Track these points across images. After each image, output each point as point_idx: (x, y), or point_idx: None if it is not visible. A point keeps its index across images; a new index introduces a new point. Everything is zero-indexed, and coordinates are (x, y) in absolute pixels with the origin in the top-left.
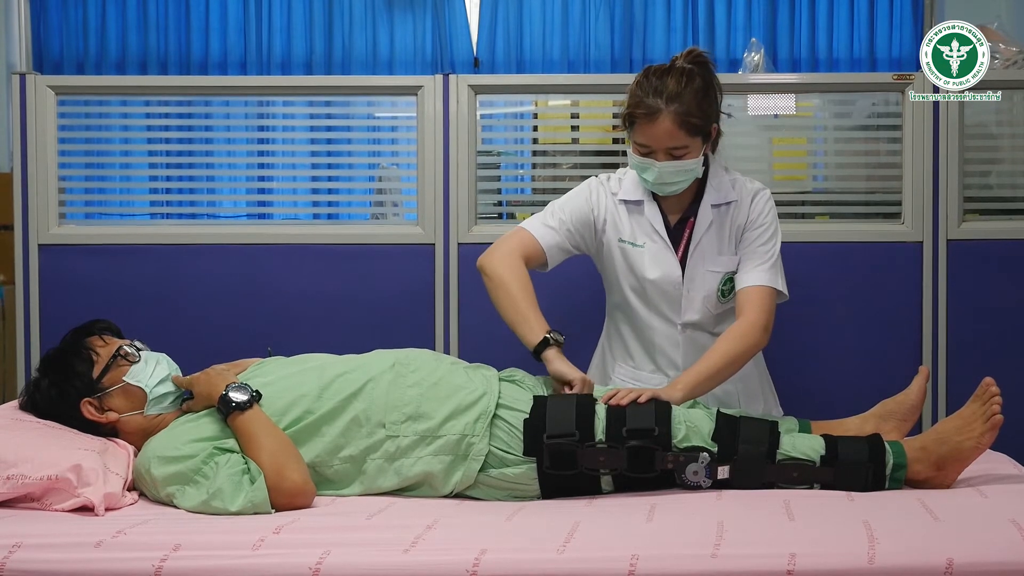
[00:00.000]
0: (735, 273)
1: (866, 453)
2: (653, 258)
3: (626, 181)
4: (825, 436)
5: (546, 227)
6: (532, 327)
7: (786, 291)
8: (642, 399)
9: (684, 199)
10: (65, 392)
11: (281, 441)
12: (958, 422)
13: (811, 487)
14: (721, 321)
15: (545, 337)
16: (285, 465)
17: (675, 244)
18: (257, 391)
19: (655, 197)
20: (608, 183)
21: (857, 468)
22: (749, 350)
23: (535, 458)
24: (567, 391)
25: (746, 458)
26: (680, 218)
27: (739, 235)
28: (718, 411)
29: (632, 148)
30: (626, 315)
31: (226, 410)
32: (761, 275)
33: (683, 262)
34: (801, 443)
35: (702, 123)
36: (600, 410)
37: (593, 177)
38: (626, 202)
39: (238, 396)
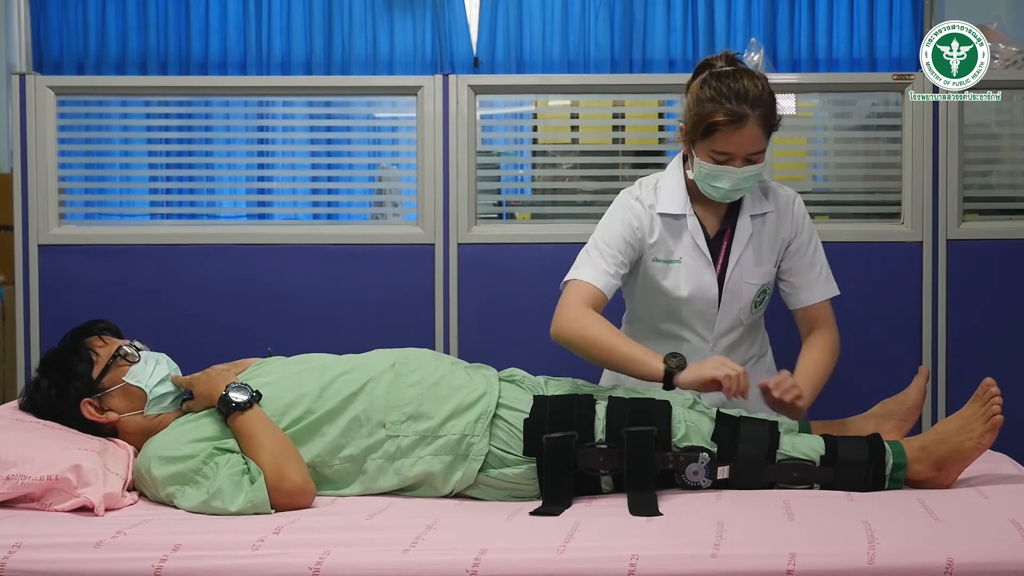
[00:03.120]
0: (769, 284)
1: (866, 453)
2: (689, 274)
3: (663, 192)
4: (825, 436)
5: (603, 272)
6: (648, 364)
7: None
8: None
9: (721, 210)
10: (65, 392)
11: (281, 441)
12: (958, 422)
13: (811, 487)
14: (750, 331)
15: (667, 370)
16: (285, 465)
17: (713, 258)
18: (257, 391)
19: (695, 209)
20: (642, 195)
21: (857, 468)
22: (834, 365)
23: (535, 458)
24: (728, 393)
25: (746, 458)
26: (717, 230)
27: (782, 247)
28: (718, 411)
29: (702, 156)
30: (651, 329)
31: (226, 410)
32: (826, 288)
33: (720, 276)
34: (801, 443)
35: (777, 124)
36: (600, 410)
37: (623, 193)
38: (664, 215)
39: (238, 396)
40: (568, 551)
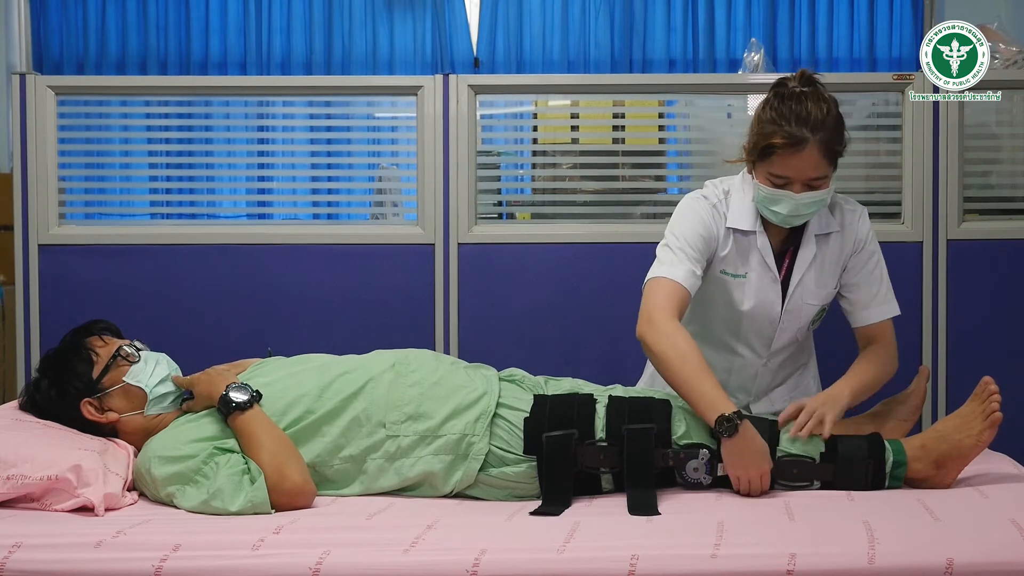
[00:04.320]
0: (828, 303)
1: (865, 450)
2: (755, 291)
3: (734, 205)
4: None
5: (690, 273)
6: (706, 410)
7: None
8: (824, 431)
9: (786, 227)
10: (65, 392)
11: (281, 441)
12: (957, 421)
13: (811, 484)
14: (802, 345)
15: (718, 425)
16: (285, 465)
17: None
18: (257, 391)
19: (764, 226)
20: (718, 205)
21: (857, 465)
22: (888, 378)
23: (535, 457)
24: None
25: None
26: (782, 247)
27: (843, 264)
28: None
29: (761, 179)
30: (706, 337)
31: (226, 410)
32: (890, 307)
33: (783, 294)
34: (801, 441)
35: (841, 151)
36: (600, 409)
37: (700, 197)
38: (735, 230)
39: (238, 396)
40: (568, 551)
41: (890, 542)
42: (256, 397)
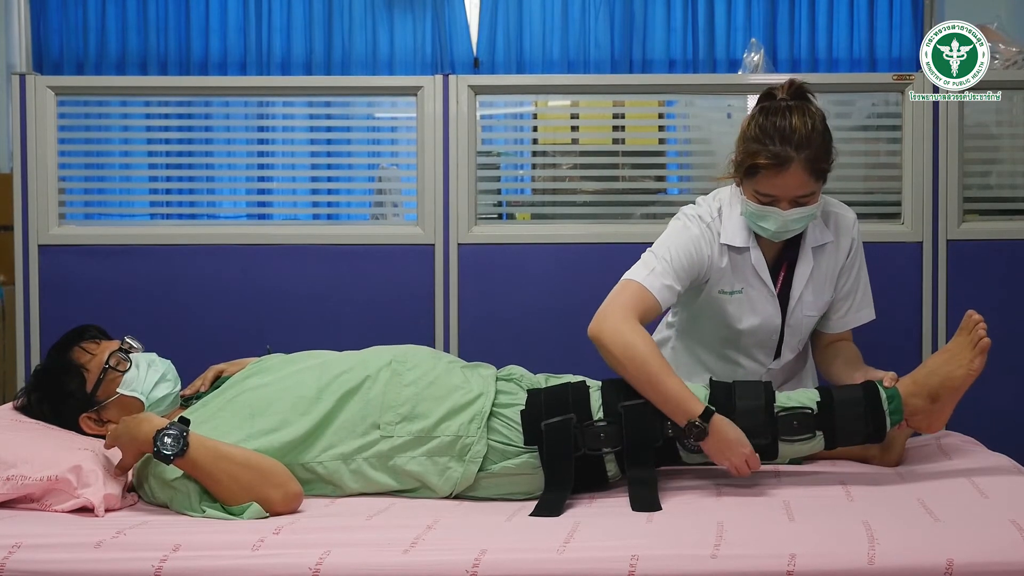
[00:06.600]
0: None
1: (860, 393)
2: (753, 306)
3: (728, 222)
4: (819, 388)
5: (664, 287)
6: (678, 411)
7: None
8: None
9: (776, 241)
10: (60, 412)
11: (241, 469)
12: (946, 355)
13: (813, 436)
14: (803, 353)
15: (688, 427)
16: (258, 495)
17: (773, 287)
18: (184, 424)
19: (757, 240)
20: (712, 223)
21: (854, 407)
22: None
23: (536, 447)
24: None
25: (744, 412)
26: (777, 259)
27: (837, 272)
28: (711, 378)
29: (749, 195)
30: (708, 348)
31: (166, 463)
32: (859, 315)
33: (782, 307)
34: (796, 395)
35: (828, 167)
36: (595, 393)
37: (694, 217)
38: (729, 247)
39: (167, 450)
40: (568, 551)
41: (890, 542)
42: (184, 438)
